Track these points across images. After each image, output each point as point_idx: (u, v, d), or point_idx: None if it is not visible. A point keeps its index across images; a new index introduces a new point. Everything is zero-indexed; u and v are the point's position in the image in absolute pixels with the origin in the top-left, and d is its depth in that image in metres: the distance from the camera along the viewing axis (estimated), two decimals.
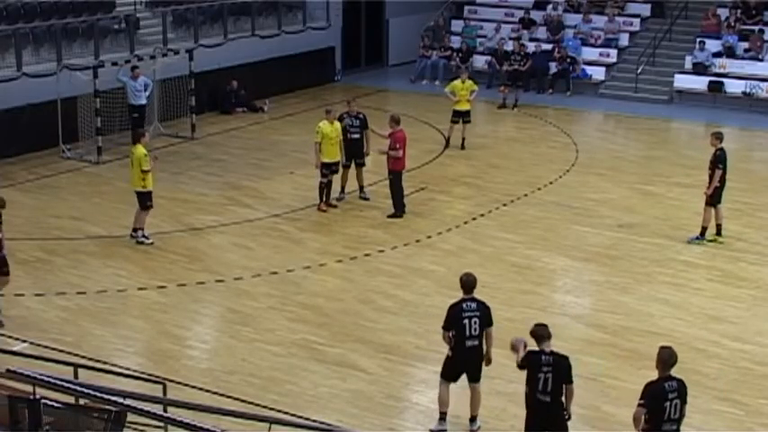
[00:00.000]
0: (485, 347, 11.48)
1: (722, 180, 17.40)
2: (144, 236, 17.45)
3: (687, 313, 14.92)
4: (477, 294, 11.55)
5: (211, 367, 13.29)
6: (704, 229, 17.60)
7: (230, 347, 13.88)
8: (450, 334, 11.37)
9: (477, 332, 11.32)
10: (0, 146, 22.01)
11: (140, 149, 17.24)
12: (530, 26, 31.76)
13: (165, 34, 25.75)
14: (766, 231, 18.36)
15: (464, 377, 11.59)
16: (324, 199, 19.14)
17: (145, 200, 17.39)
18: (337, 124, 19.15)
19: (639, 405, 9.55)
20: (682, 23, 30.82)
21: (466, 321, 11.29)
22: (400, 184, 18.78)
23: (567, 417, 10.30)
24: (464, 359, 11.45)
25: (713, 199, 17.43)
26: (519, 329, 13.79)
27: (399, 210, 18.80)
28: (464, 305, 11.40)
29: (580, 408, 11.71)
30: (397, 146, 18.40)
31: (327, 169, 18.97)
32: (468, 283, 11.51)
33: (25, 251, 16.75)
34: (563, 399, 10.25)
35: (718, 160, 17.37)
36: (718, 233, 17.63)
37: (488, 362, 11.60)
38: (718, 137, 17.54)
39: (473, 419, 11.72)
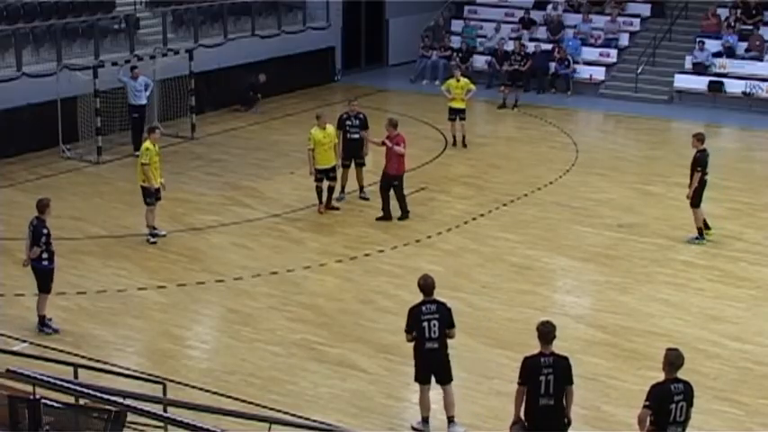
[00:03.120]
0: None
1: (701, 182, 17.28)
2: (151, 234, 17.49)
3: (687, 313, 14.92)
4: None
5: (211, 367, 13.29)
6: (699, 230, 17.59)
7: (230, 347, 13.88)
8: (412, 335, 11.40)
9: (436, 334, 11.30)
10: (0, 146, 22.02)
11: (145, 144, 17.39)
12: (530, 26, 31.72)
13: (164, 34, 25.77)
14: (766, 231, 18.35)
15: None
16: (322, 201, 19.11)
17: (144, 196, 17.43)
18: (329, 129, 18.94)
19: (645, 406, 9.50)
20: (682, 23, 30.80)
21: (425, 324, 11.29)
22: (402, 188, 18.71)
23: (567, 422, 10.21)
24: (426, 362, 11.43)
25: (696, 200, 17.37)
26: (519, 329, 13.89)
27: (405, 213, 18.72)
28: (424, 307, 11.39)
29: (580, 408, 11.69)
30: (401, 145, 18.32)
31: (323, 174, 18.90)
32: (426, 285, 11.49)
33: (25, 251, 16.69)
34: (564, 402, 10.16)
35: (698, 163, 17.27)
36: (707, 227, 17.58)
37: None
38: (700, 138, 17.41)
39: (451, 420, 11.58)
